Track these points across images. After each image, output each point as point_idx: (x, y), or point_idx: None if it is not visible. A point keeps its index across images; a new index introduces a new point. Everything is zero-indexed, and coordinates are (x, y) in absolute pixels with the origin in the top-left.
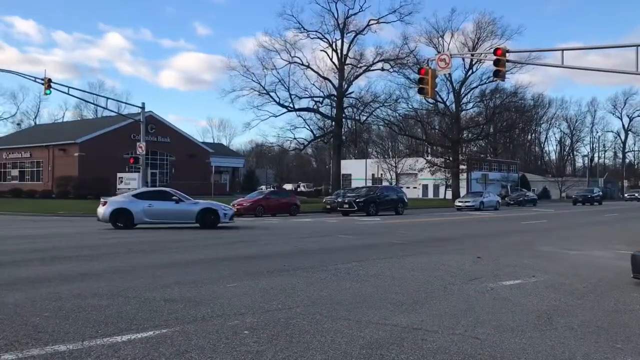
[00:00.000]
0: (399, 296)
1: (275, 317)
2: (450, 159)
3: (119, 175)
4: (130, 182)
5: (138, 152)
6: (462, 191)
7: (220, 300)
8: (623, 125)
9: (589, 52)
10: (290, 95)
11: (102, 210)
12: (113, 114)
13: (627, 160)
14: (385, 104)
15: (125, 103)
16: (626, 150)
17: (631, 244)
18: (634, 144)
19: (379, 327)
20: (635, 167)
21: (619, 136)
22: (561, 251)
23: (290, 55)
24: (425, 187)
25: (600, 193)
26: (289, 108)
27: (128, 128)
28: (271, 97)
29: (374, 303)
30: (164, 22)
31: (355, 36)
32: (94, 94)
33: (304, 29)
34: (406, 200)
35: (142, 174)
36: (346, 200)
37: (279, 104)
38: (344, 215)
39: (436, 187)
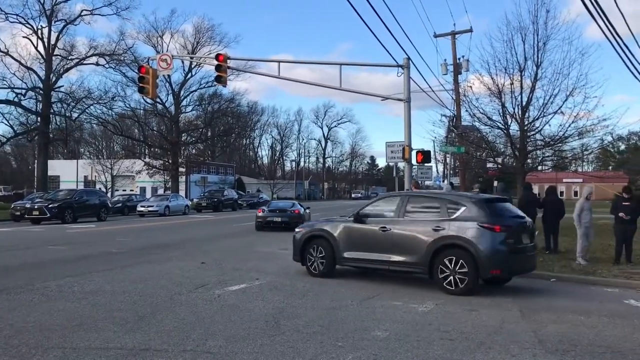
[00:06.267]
0: (122, 313)
1: None
2: (170, 161)
3: None
4: None
5: None
6: (182, 194)
7: None
8: (323, 134)
9: (297, 65)
10: None
11: None
12: None
13: (326, 165)
14: (100, 102)
15: None
16: (326, 156)
17: None
18: (332, 151)
19: (101, 353)
20: (333, 171)
21: (320, 144)
22: (279, 251)
23: None
24: (143, 189)
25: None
26: None
27: None
28: None
29: (94, 324)
30: None
31: (65, 25)
32: None
33: (2, 10)
34: (109, 205)
35: None
36: (36, 206)
37: None
38: (34, 224)
39: (155, 190)
